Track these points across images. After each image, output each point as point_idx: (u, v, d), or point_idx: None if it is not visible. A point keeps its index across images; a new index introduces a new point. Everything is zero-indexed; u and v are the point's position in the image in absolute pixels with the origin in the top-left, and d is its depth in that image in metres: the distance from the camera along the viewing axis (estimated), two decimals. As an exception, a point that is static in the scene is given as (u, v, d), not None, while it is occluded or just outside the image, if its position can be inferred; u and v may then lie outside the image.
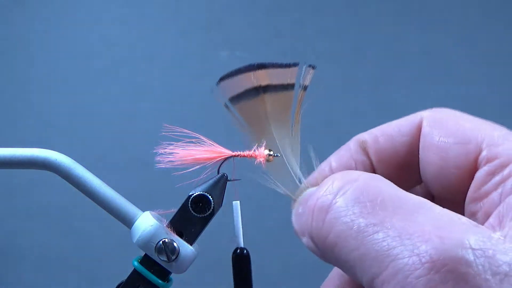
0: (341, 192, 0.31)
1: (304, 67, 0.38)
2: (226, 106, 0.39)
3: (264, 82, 0.38)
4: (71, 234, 1.34)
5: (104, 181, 0.41)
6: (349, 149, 0.39)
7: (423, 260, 0.26)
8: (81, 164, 0.41)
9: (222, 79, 0.38)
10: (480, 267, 0.25)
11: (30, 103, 1.38)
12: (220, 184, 0.40)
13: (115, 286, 0.40)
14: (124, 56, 1.39)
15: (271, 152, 0.39)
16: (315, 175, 0.38)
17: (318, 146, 0.38)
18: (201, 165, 0.40)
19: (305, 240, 0.34)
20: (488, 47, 1.39)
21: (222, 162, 0.40)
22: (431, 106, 0.38)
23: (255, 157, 0.39)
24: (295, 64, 0.38)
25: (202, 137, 0.40)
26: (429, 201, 0.30)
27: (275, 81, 0.38)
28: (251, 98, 0.38)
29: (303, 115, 0.39)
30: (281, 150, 0.39)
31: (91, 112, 1.38)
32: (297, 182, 0.39)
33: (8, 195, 1.36)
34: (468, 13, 1.40)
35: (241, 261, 0.41)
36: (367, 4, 1.41)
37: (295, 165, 0.39)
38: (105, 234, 1.29)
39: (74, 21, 1.40)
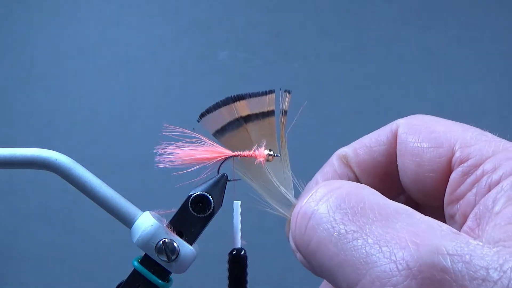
0: (324, 199, 0.31)
1: (281, 92, 0.39)
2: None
3: (244, 113, 0.39)
4: (71, 234, 1.34)
5: (104, 181, 0.41)
6: (332, 164, 0.39)
7: (400, 267, 0.26)
8: (81, 164, 0.41)
9: (202, 115, 0.40)
10: (457, 272, 0.25)
11: (30, 103, 1.38)
12: (220, 184, 0.40)
13: (115, 286, 0.40)
14: (124, 56, 1.39)
15: (271, 152, 0.39)
16: (304, 194, 0.39)
17: (318, 146, 0.38)
18: (201, 165, 0.40)
19: (298, 255, 0.34)
20: (488, 46, 1.39)
21: (222, 162, 0.40)
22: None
23: (255, 157, 0.39)
24: (271, 92, 0.39)
25: (202, 137, 0.40)
26: (410, 208, 0.30)
27: (255, 110, 0.39)
28: (234, 129, 0.40)
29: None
30: (272, 175, 0.40)
31: (91, 112, 1.38)
32: (292, 203, 0.40)
33: (8, 195, 1.36)
34: (468, 13, 1.40)
35: (238, 262, 0.41)
36: (367, 4, 1.40)
37: (288, 187, 0.40)
38: (105, 234, 1.29)
39: (74, 21, 1.40)
